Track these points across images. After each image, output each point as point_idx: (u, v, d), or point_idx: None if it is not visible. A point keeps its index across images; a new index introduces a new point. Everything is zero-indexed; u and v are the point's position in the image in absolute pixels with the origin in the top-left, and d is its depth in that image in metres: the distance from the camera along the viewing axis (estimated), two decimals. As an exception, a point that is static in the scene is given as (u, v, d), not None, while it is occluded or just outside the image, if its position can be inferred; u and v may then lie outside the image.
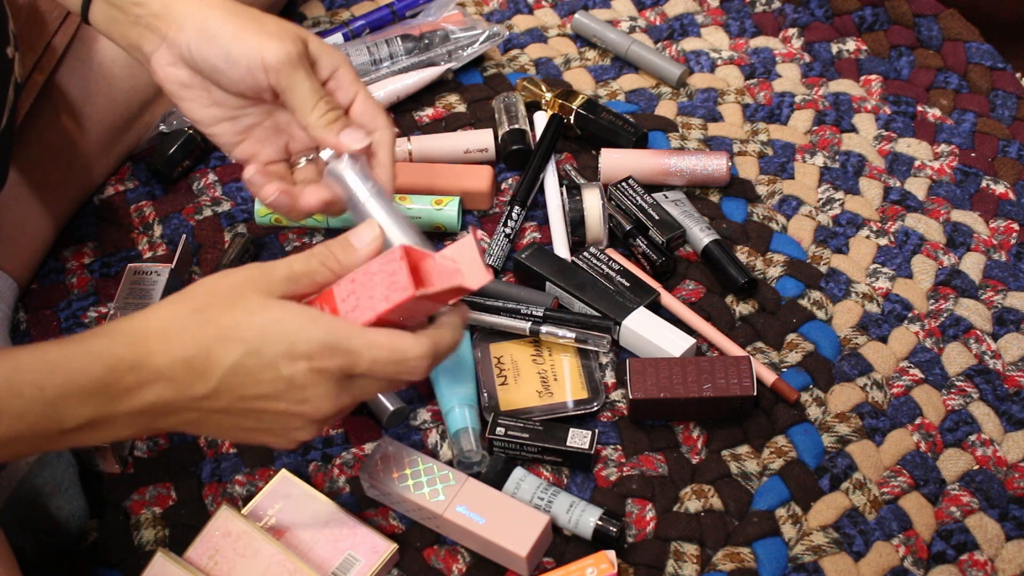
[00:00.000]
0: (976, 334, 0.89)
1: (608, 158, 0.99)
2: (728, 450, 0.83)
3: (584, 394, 0.84)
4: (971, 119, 1.04)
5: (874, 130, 1.04)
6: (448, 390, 0.83)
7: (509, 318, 0.87)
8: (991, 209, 0.97)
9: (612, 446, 0.83)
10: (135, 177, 1.04)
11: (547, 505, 0.77)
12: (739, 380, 0.81)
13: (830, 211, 0.98)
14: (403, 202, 0.96)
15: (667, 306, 0.90)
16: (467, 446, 0.80)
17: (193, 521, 0.80)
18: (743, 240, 0.96)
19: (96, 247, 0.99)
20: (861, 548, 0.78)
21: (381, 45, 1.08)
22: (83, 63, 0.97)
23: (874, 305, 0.91)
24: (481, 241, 0.95)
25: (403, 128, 1.07)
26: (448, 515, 0.76)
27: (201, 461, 0.84)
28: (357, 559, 0.75)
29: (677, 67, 1.08)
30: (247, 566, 0.74)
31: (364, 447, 0.84)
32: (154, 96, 1.03)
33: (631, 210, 0.95)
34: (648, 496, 0.80)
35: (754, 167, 1.02)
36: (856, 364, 0.87)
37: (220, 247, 0.98)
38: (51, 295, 0.96)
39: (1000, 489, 0.80)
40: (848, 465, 0.82)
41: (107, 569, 0.79)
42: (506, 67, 1.12)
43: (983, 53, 1.09)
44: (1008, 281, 0.92)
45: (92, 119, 0.98)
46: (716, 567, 0.77)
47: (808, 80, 1.10)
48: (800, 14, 1.15)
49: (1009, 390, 0.86)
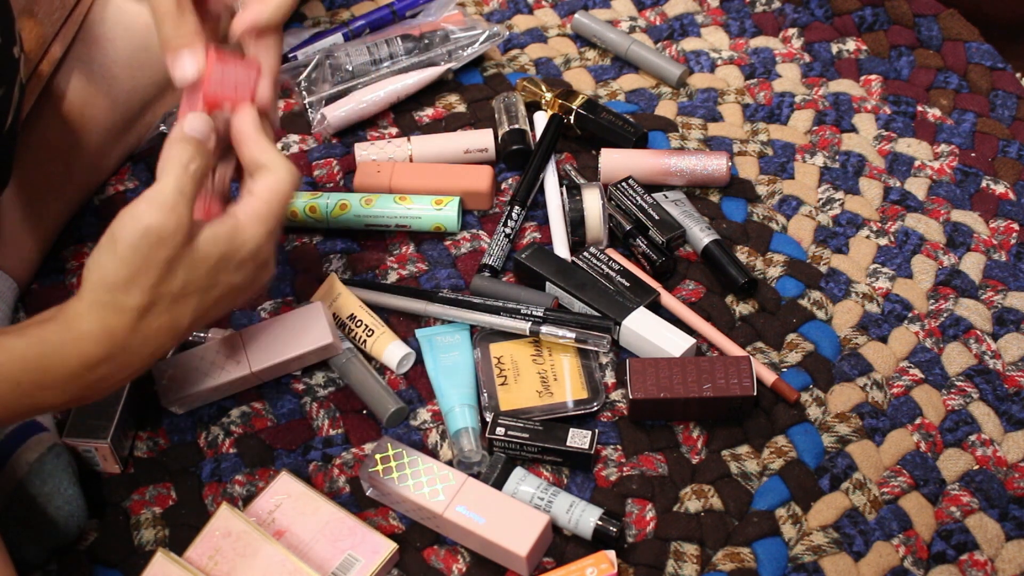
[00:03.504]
0: (976, 334, 0.89)
1: (608, 158, 0.99)
2: (728, 450, 0.83)
3: (584, 394, 0.84)
4: (971, 119, 1.04)
5: (874, 130, 1.04)
6: (448, 390, 0.83)
7: (509, 318, 0.87)
8: (991, 209, 0.97)
9: (612, 446, 0.83)
10: (135, 177, 1.04)
11: (547, 505, 0.77)
12: (739, 380, 0.81)
13: (830, 211, 0.98)
14: (403, 202, 0.96)
15: (667, 306, 0.90)
16: (467, 446, 0.80)
17: (193, 521, 0.80)
18: (743, 240, 0.96)
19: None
20: (861, 548, 0.78)
21: (381, 45, 1.08)
22: (84, 64, 0.97)
23: (874, 305, 0.91)
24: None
25: (403, 128, 1.07)
26: (448, 515, 0.76)
27: (201, 461, 0.84)
28: (357, 559, 0.75)
29: (677, 67, 1.09)
30: (247, 566, 0.74)
31: (364, 447, 0.84)
32: (155, 97, 1.03)
33: (631, 210, 0.95)
34: (648, 496, 0.80)
35: (754, 167, 1.02)
36: (856, 364, 0.87)
37: (220, 247, 0.98)
38: (51, 295, 0.96)
39: (1000, 489, 0.80)
40: (848, 465, 0.82)
41: (107, 569, 0.79)
42: (506, 67, 1.12)
43: (983, 53, 1.09)
44: (1008, 281, 0.92)
45: (93, 120, 0.98)
46: (716, 567, 0.77)
47: (808, 80, 1.10)
48: (800, 14, 1.15)
49: (1009, 390, 0.86)
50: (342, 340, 0.88)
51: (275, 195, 0.68)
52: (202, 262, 0.66)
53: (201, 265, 0.66)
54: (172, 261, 0.64)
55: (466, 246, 0.96)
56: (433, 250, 0.96)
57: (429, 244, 0.97)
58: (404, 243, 0.97)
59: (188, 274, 0.65)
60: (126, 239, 0.63)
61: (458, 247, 0.96)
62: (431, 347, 0.87)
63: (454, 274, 0.94)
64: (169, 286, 0.65)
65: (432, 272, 0.95)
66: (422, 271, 0.95)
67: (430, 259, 0.96)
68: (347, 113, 1.05)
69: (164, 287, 0.64)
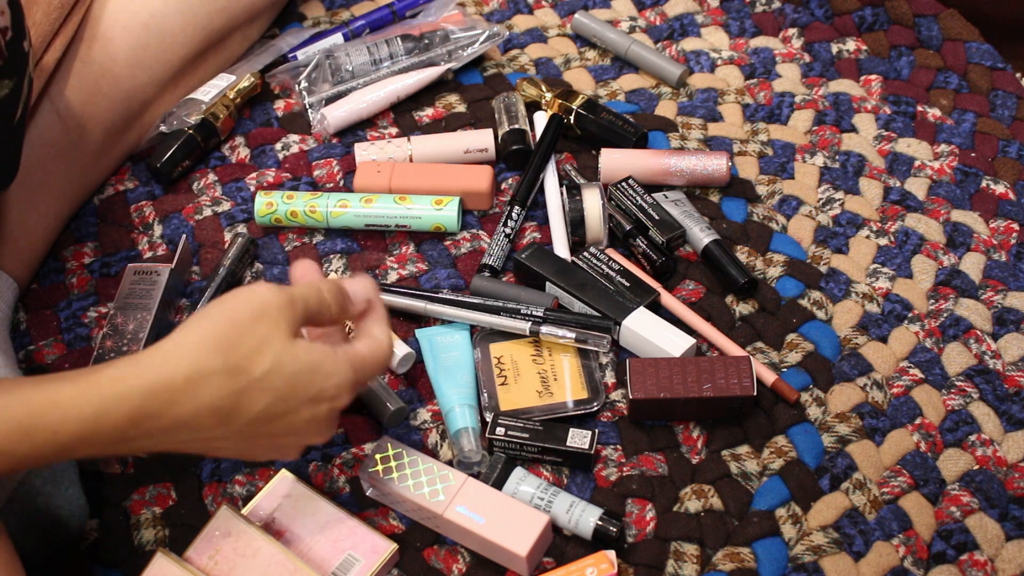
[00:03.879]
0: (976, 334, 0.89)
1: (608, 158, 0.99)
2: (728, 450, 0.83)
3: (584, 394, 0.84)
4: (971, 119, 1.04)
5: (874, 130, 1.04)
6: (448, 390, 0.83)
7: (509, 318, 0.87)
8: (991, 209, 0.97)
9: (612, 446, 0.83)
10: (135, 177, 1.04)
11: (547, 505, 0.77)
12: (739, 380, 0.81)
13: (830, 211, 0.98)
14: (403, 202, 0.96)
15: (667, 306, 0.90)
16: (467, 446, 0.80)
17: (193, 521, 0.80)
18: (743, 240, 0.96)
19: (96, 247, 0.99)
20: (861, 548, 0.78)
21: (381, 45, 1.08)
22: (84, 63, 0.97)
23: (874, 305, 0.91)
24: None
25: (403, 128, 1.07)
26: (448, 515, 0.76)
27: (201, 461, 0.84)
28: (357, 559, 0.75)
29: (677, 67, 1.08)
30: (247, 566, 0.74)
31: (364, 447, 0.84)
32: (155, 96, 1.03)
33: (631, 210, 0.95)
34: (648, 496, 0.80)
35: (754, 167, 1.02)
36: (856, 364, 0.87)
37: (220, 247, 0.98)
38: (51, 295, 0.96)
39: (1000, 489, 0.80)
40: (848, 465, 0.82)
41: (107, 569, 0.79)
42: (506, 67, 1.12)
43: (983, 53, 1.09)
44: (1008, 281, 0.92)
45: (93, 119, 0.98)
46: (716, 567, 0.77)
47: (808, 80, 1.10)
48: (800, 14, 1.15)
49: (1009, 390, 0.86)
50: (342, 340, 0.88)
51: (374, 357, 0.68)
52: (291, 361, 0.62)
53: (289, 364, 0.62)
54: (266, 340, 0.61)
55: (466, 246, 0.96)
56: (433, 250, 0.96)
57: (429, 244, 0.97)
58: (404, 243, 0.97)
59: (274, 364, 0.61)
60: (237, 301, 0.62)
61: (458, 247, 0.96)
62: (431, 347, 0.87)
63: (454, 274, 0.94)
64: (250, 364, 0.61)
65: (432, 272, 0.95)
66: (422, 271, 0.95)
67: (430, 259, 0.96)
68: (347, 113, 1.05)
69: (245, 362, 0.61)
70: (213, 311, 0.62)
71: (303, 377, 0.63)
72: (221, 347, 0.60)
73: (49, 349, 0.92)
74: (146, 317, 0.88)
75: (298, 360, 0.62)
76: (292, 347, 0.62)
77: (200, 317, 0.62)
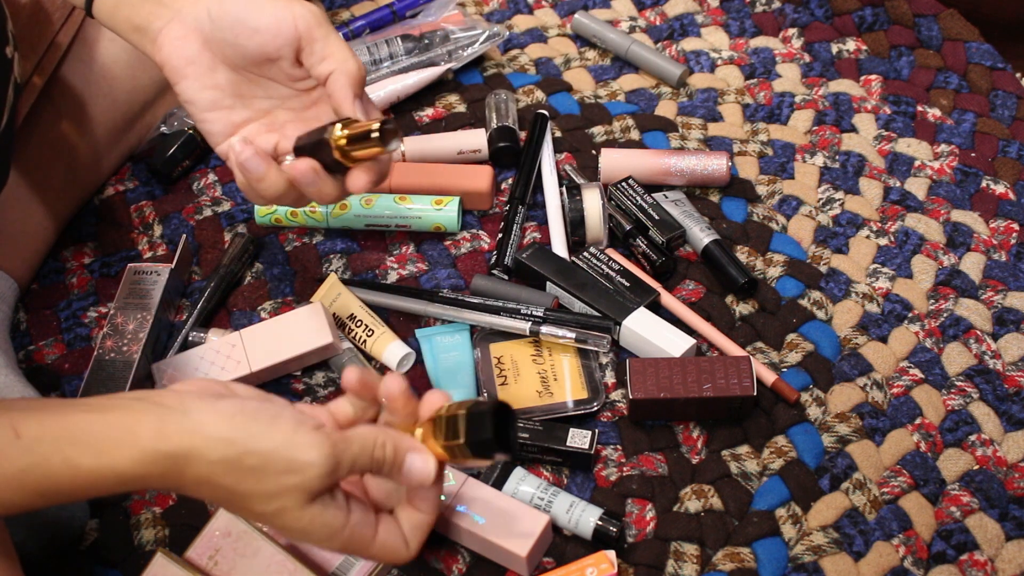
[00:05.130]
0: (976, 334, 0.89)
1: (608, 158, 0.99)
2: (728, 450, 0.83)
3: (584, 394, 0.84)
4: (971, 119, 1.04)
5: (874, 130, 1.04)
6: (448, 390, 0.83)
7: (509, 318, 0.87)
8: (991, 209, 0.97)
9: (612, 446, 0.83)
10: (135, 177, 1.04)
11: (547, 505, 0.77)
12: (739, 380, 0.81)
13: (830, 211, 0.98)
14: (403, 202, 0.96)
15: (667, 306, 0.90)
16: (467, 446, 0.80)
17: (193, 521, 0.80)
18: (743, 240, 0.96)
19: (96, 247, 0.99)
20: (861, 548, 0.78)
21: (381, 45, 1.08)
22: (84, 64, 0.97)
23: (874, 305, 0.91)
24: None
25: (403, 129, 1.07)
26: (448, 515, 0.76)
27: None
28: (357, 559, 0.75)
29: (677, 67, 1.09)
30: (247, 566, 0.74)
31: (364, 447, 0.84)
32: (155, 96, 1.03)
33: (631, 210, 0.95)
34: (648, 496, 0.80)
35: (754, 167, 1.02)
36: (856, 364, 0.87)
37: (220, 247, 0.98)
38: (51, 295, 0.96)
39: (1000, 489, 0.80)
40: (848, 465, 0.82)
41: (107, 569, 0.79)
42: (506, 67, 1.12)
43: (983, 53, 1.09)
44: (1008, 281, 0.92)
45: (93, 119, 0.98)
46: (716, 567, 0.77)
47: (808, 80, 1.10)
48: (800, 14, 1.15)
49: (1009, 390, 0.86)
50: (342, 340, 0.88)
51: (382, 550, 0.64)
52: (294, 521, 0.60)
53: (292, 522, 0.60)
54: (283, 492, 0.59)
55: (466, 246, 0.96)
56: (433, 250, 0.96)
57: (429, 244, 0.97)
58: (404, 243, 0.97)
59: (276, 512, 0.60)
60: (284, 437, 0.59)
61: (458, 247, 0.96)
62: (431, 347, 0.87)
63: (454, 274, 0.94)
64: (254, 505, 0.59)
65: (432, 272, 0.95)
66: (422, 271, 0.95)
67: (430, 259, 0.96)
68: (347, 113, 1.05)
69: (250, 501, 0.59)
70: (255, 427, 0.59)
71: (298, 530, 0.61)
72: (238, 470, 0.58)
73: (49, 349, 0.92)
74: (146, 317, 0.88)
75: (301, 522, 0.60)
76: (302, 511, 0.60)
77: (245, 422, 0.59)
